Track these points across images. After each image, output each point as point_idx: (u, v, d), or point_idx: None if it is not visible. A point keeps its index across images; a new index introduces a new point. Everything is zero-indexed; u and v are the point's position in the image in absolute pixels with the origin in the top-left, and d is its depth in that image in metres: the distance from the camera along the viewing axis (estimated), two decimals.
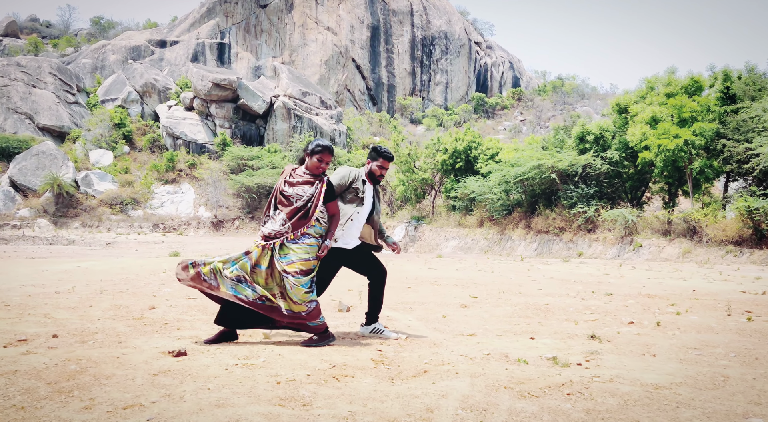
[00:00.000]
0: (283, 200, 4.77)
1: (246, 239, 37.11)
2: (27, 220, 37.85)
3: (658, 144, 21.08)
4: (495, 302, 7.47)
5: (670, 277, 11.84)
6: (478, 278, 11.01)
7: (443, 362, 4.06)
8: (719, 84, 22.34)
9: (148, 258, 15.49)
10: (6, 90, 45.05)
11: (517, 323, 5.94)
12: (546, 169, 25.52)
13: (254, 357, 4.05)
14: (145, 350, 4.19)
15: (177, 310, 6.31)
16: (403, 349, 4.53)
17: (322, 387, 3.35)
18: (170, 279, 9.71)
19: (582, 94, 70.33)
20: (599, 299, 7.94)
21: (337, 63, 60.45)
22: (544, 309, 6.85)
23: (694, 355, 4.47)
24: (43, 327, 5.10)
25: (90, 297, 7.12)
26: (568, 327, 5.72)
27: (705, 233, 20.35)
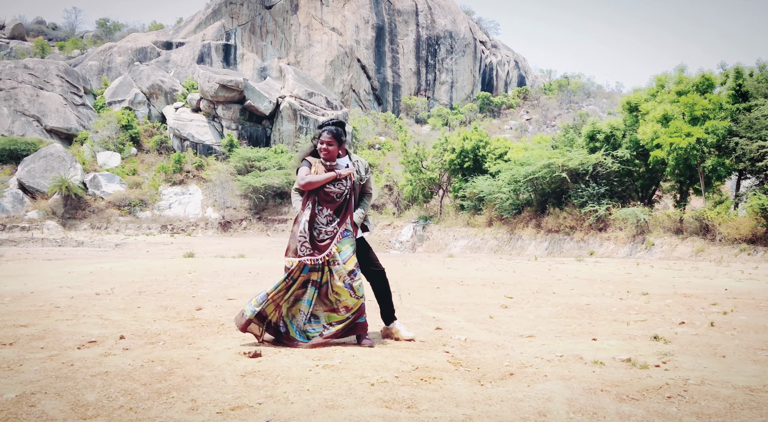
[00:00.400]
0: (326, 197, 4.65)
1: (254, 239, 37.17)
2: (36, 222, 37.99)
3: (670, 142, 21.09)
4: (534, 303, 7.42)
5: (694, 276, 11.82)
6: (503, 278, 11.01)
7: (523, 364, 4.00)
8: (731, 81, 22.33)
9: (165, 260, 15.54)
10: (14, 92, 45.23)
11: (567, 324, 5.87)
12: (556, 168, 25.53)
13: (328, 358, 4.01)
14: (218, 351, 4.18)
15: (224, 311, 6.34)
16: (469, 351, 4.44)
17: (417, 389, 3.28)
18: (199, 281, 9.75)
19: (588, 93, 70.33)
20: (637, 299, 7.85)
21: (343, 63, 60.53)
22: (587, 310, 6.78)
23: (765, 356, 4.36)
24: (104, 328, 5.15)
25: (133, 299, 7.21)
26: (622, 328, 5.64)
27: (718, 231, 20.36)
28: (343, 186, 4.67)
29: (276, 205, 44.08)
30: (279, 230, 41.60)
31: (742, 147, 20.88)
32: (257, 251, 25.83)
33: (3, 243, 31.92)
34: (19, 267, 12.51)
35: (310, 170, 4.66)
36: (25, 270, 11.62)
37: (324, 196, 4.65)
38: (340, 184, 4.67)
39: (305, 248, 4.52)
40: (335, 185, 4.65)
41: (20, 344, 4.37)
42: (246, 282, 9.61)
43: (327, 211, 4.64)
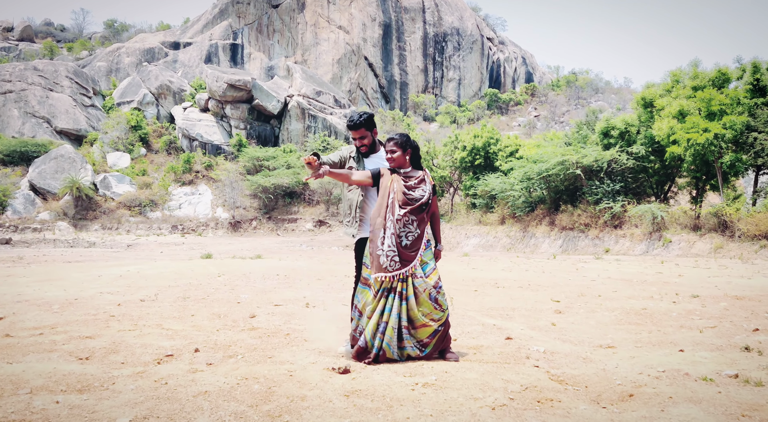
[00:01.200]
0: (408, 203, 4.42)
1: (265, 239, 37.18)
2: (47, 223, 38.10)
3: (687, 138, 20.98)
4: (586, 307, 7.27)
5: (728, 275, 11.71)
6: (536, 280, 10.93)
7: (635, 382, 3.76)
8: (748, 76, 22.18)
9: (185, 261, 15.53)
10: (24, 94, 45.33)
11: (635, 331, 5.67)
12: (570, 165, 25.45)
13: (420, 375, 3.85)
14: (305, 366, 4.08)
15: (279, 319, 6.25)
16: (559, 365, 4.25)
17: (542, 414, 3.13)
18: (233, 284, 9.72)
19: (596, 89, 70.07)
20: (689, 302, 7.67)
21: (350, 61, 60.45)
22: (646, 315, 6.66)
23: None
24: (172, 339, 5.04)
25: (181, 306, 7.12)
26: (698, 336, 5.41)
27: (737, 228, 20.26)
28: (424, 190, 4.49)
29: (286, 205, 44.09)
30: (289, 230, 41.62)
31: (761, 142, 20.76)
32: (271, 251, 25.84)
33: (16, 244, 32.02)
34: (45, 270, 12.50)
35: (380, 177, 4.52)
36: (53, 273, 11.57)
37: (407, 202, 4.42)
38: (421, 189, 4.50)
39: (394, 262, 4.31)
40: (415, 190, 4.47)
41: (97, 358, 4.28)
42: (281, 286, 9.58)
43: (411, 218, 4.43)
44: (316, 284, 9.97)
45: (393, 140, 4.54)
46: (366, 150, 4.73)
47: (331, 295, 8.43)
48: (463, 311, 6.96)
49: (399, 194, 4.41)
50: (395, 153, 4.51)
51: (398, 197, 4.41)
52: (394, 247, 4.33)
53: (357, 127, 4.65)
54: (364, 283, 4.46)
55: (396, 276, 4.29)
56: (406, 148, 4.54)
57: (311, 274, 11.77)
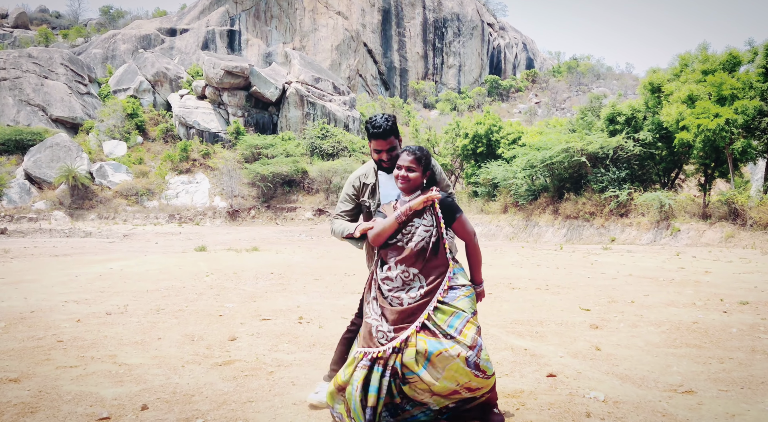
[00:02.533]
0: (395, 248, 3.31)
1: (263, 229, 36.61)
2: (43, 213, 37.55)
3: (698, 124, 20.27)
4: (625, 319, 6.29)
5: (758, 271, 10.93)
6: (552, 278, 10.10)
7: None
8: (761, 59, 21.41)
9: (178, 256, 14.89)
10: (18, 82, 44.59)
11: (702, 359, 4.69)
12: (575, 152, 24.78)
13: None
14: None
15: (264, 343, 5.31)
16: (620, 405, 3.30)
17: None
18: (221, 287, 9.01)
19: (597, 75, 69.19)
20: (742, 311, 6.78)
21: (349, 48, 59.56)
22: (701, 333, 5.74)
23: None
24: (120, 384, 4.04)
25: (151, 323, 6.19)
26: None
27: (749, 216, 19.61)
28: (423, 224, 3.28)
29: (284, 193, 43.47)
30: (288, 219, 41.05)
31: None
32: (269, 242, 25.27)
33: (11, 234, 31.47)
34: (24, 268, 11.81)
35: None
36: (29, 272, 10.88)
37: (393, 246, 3.29)
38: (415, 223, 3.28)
39: (381, 333, 3.20)
40: (406, 228, 3.27)
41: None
42: (273, 289, 8.85)
43: (400, 268, 3.26)
44: (313, 286, 9.25)
45: (412, 154, 3.31)
46: (391, 165, 3.49)
47: (328, 302, 7.62)
48: (483, 327, 5.93)
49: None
50: (413, 173, 3.30)
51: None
52: (379, 310, 3.25)
53: (387, 135, 3.40)
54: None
55: (387, 351, 3.16)
56: (427, 168, 3.37)
57: (308, 272, 11.08)
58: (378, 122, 3.38)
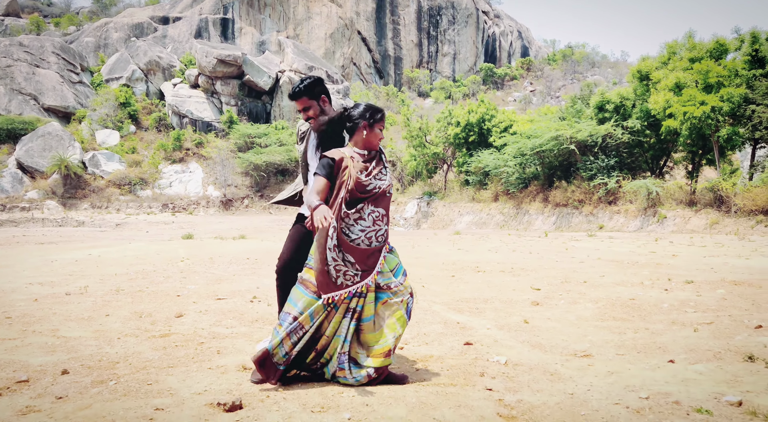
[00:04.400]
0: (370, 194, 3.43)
1: (255, 218, 36.69)
2: (36, 202, 37.55)
3: (684, 111, 20.35)
4: (568, 298, 6.63)
5: (725, 255, 11.14)
6: (521, 262, 10.27)
7: (605, 417, 2.95)
8: (746, 47, 21.47)
9: (163, 243, 14.97)
10: (9, 70, 44.41)
11: (619, 329, 4.95)
12: (564, 140, 24.84)
13: (334, 409, 3.03)
14: (185, 399, 3.18)
15: (209, 318, 5.45)
16: (518, 387, 3.43)
17: None
18: (191, 271, 9.07)
19: (592, 63, 69.06)
20: (683, 289, 7.02)
21: (343, 36, 59.34)
22: (633, 307, 5.98)
23: None
24: (51, 353, 4.16)
25: (105, 301, 6.29)
26: (692, 337, 4.67)
27: (733, 203, 19.74)
28: (384, 175, 3.50)
29: (278, 183, 43.50)
30: (281, 208, 41.06)
31: (759, 115, 20.15)
32: (259, 230, 25.36)
33: (3, 223, 31.50)
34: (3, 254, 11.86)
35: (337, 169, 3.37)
36: (6, 259, 10.90)
37: (368, 193, 3.43)
38: (381, 175, 3.49)
39: (349, 276, 3.33)
40: (377, 177, 3.45)
41: None
42: (242, 273, 8.91)
43: (377, 210, 3.45)
44: None
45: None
46: (314, 124, 3.72)
47: None
48: (428, 304, 6.14)
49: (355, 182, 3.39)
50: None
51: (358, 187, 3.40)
52: (347, 255, 3.36)
53: (298, 96, 3.68)
54: (303, 284, 3.44)
55: (355, 292, 3.33)
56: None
57: None
58: (294, 86, 3.69)
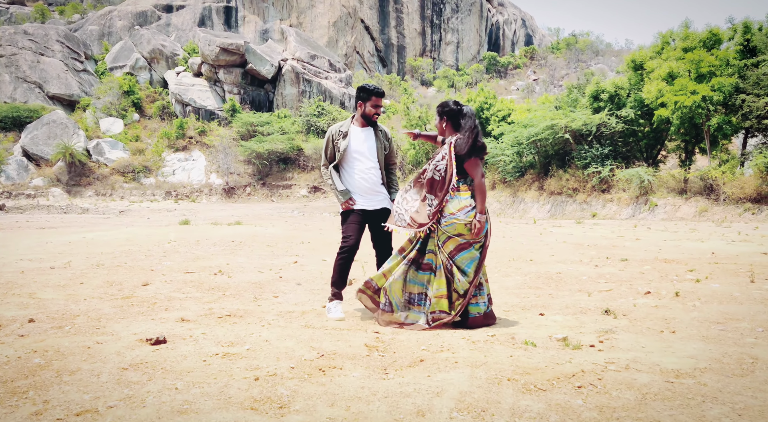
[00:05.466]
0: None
1: (258, 205, 37.10)
2: (41, 189, 38.08)
3: (675, 101, 20.54)
4: (504, 272, 7.17)
5: (687, 239, 11.53)
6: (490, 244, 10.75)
7: (442, 347, 3.70)
8: (739, 37, 21.58)
9: (158, 228, 15.37)
10: (14, 58, 44.83)
11: (526, 295, 5.59)
12: (559, 129, 25.05)
13: (239, 344, 3.70)
14: (122, 337, 3.85)
15: (171, 287, 5.98)
16: (403, 331, 4.22)
17: (304, 383, 3.02)
18: (174, 251, 9.48)
19: (596, 51, 68.79)
20: (614, 266, 7.58)
21: (346, 24, 59.38)
22: (555, 279, 6.53)
23: (717, 331, 4.12)
24: (24, 309, 4.75)
25: (84, 273, 6.81)
26: (581, 299, 5.35)
27: (722, 191, 19.97)
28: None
29: (280, 171, 43.84)
30: (284, 196, 41.47)
31: (749, 104, 20.31)
32: (260, 218, 25.70)
33: (9, 210, 32.05)
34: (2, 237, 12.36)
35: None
36: (4, 241, 11.37)
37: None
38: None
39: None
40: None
41: None
42: (221, 253, 9.28)
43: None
44: (261, 251, 9.70)
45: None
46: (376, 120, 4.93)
47: (260, 262, 8.15)
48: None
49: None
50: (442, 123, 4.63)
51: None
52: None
53: (384, 94, 4.89)
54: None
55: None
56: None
57: (268, 241, 11.50)
58: (378, 87, 4.82)
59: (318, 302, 5.26)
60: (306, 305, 5.11)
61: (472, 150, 4.23)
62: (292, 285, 6.22)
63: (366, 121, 4.84)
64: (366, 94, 4.76)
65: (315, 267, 7.70)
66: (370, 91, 4.76)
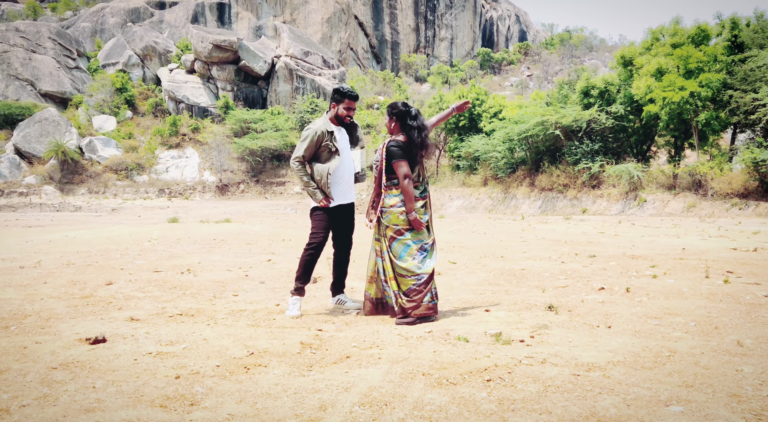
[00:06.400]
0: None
1: (251, 202, 37.07)
2: (33, 187, 38.00)
3: (663, 96, 20.55)
4: (471, 268, 7.21)
5: (666, 234, 11.56)
6: (468, 241, 10.69)
7: (373, 344, 3.75)
8: (727, 32, 21.58)
9: (144, 226, 15.35)
10: (6, 56, 44.65)
11: (482, 292, 5.64)
12: (550, 126, 25.05)
13: (178, 343, 3.72)
14: (63, 336, 3.85)
15: (134, 286, 5.96)
16: (347, 327, 4.23)
17: (224, 381, 3.04)
18: (151, 249, 9.45)
19: (590, 47, 68.76)
20: (580, 262, 7.64)
21: (339, 20, 59.23)
22: (518, 275, 6.58)
23: (652, 326, 4.16)
24: None
25: (51, 272, 6.79)
26: (534, 295, 5.42)
27: (710, 186, 20.00)
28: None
29: (274, 168, 43.78)
30: (277, 193, 41.43)
31: (737, 100, 20.32)
32: (252, 215, 25.67)
33: (2, 208, 31.98)
34: None
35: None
36: None
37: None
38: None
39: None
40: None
41: None
42: (198, 252, 9.25)
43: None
44: (238, 249, 9.69)
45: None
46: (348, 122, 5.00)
47: (232, 260, 8.15)
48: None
49: None
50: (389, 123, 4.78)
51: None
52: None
53: (357, 98, 5.00)
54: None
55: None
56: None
57: (248, 239, 11.47)
58: (353, 90, 4.91)
59: (274, 300, 5.30)
60: (260, 304, 5.13)
61: (400, 151, 4.41)
62: (255, 283, 6.23)
63: (338, 122, 4.91)
64: (340, 96, 4.84)
65: (286, 265, 7.69)
66: (343, 94, 4.84)
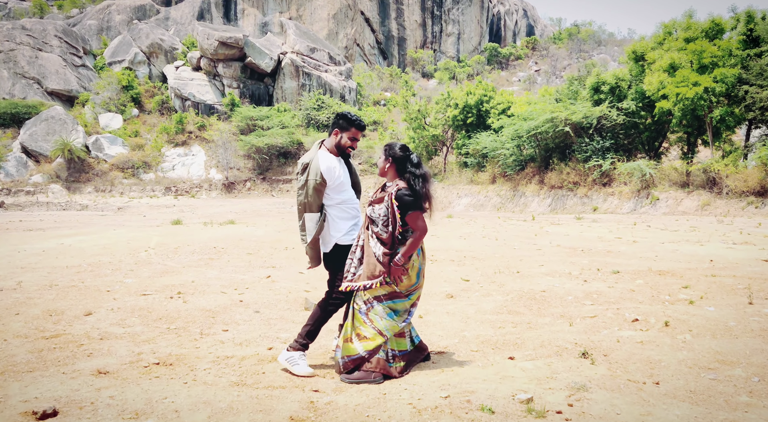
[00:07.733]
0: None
1: (257, 200, 36.86)
2: (40, 186, 37.94)
3: (677, 92, 20.19)
4: (486, 289, 6.73)
5: (686, 240, 11.19)
6: (479, 250, 10.28)
7: (380, 419, 3.12)
8: (742, 26, 21.19)
9: (145, 230, 15.02)
10: (12, 54, 44.59)
11: (501, 325, 5.11)
12: (559, 122, 24.71)
13: (143, 416, 3.13)
14: (9, 405, 3.24)
15: (114, 317, 5.41)
16: (349, 387, 3.68)
17: None
18: (146, 262, 9.04)
19: (598, 41, 68.19)
20: (604, 280, 7.13)
21: (346, 16, 58.91)
22: (539, 300, 6.10)
23: (707, 382, 3.61)
24: None
25: (29, 299, 6.18)
26: (561, 330, 4.86)
27: (725, 184, 19.65)
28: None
29: (280, 165, 43.61)
30: (284, 190, 41.23)
31: (752, 95, 19.95)
32: (258, 214, 25.45)
33: (9, 207, 31.90)
34: None
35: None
36: None
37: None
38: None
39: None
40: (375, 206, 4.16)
41: None
42: (195, 264, 8.81)
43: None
44: (237, 261, 9.29)
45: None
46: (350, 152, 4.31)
47: (230, 277, 7.71)
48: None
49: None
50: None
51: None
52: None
53: (365, 128, 4.35)
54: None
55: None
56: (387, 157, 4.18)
57: (250, 246, 11.10)
58: (362, 119, 4.17)
59: (267, 339, 4.78)
60: (251, 346, 4.60)
61: (416, 200, 3.91)
62: (249, 312, 5.71)
63: (339, 151, 4.20)
64: (346, 124, 4.13)
65: (285, 284, 7.23)
66: (351, 121, 4.13)
